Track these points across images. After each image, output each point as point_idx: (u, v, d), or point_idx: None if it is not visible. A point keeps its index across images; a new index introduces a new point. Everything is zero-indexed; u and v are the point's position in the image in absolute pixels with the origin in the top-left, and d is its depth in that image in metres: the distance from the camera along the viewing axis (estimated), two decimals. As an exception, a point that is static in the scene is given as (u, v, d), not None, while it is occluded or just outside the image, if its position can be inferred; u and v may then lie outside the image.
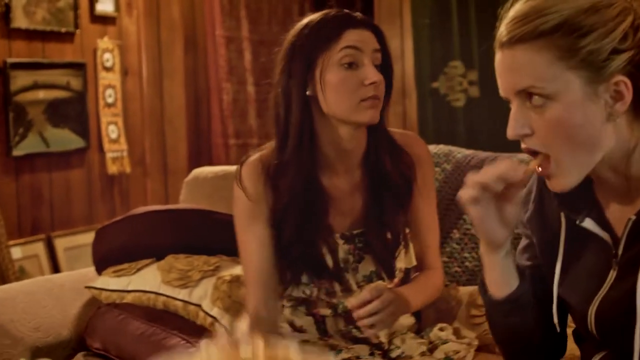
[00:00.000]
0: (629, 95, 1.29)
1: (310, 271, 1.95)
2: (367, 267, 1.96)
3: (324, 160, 1.95)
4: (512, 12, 1.34)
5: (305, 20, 1.94)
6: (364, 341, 1.98)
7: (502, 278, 1.45)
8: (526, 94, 1.32)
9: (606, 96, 1.29)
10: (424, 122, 4.16)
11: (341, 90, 1.87)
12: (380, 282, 1.95)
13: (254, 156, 2.00)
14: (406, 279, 2.03)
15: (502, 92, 1.37)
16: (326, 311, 1.97)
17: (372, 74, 1.86)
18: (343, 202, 1.98)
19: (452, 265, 2.44)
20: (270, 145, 2.00)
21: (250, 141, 5.15)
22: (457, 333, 2.04)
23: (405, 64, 4.19)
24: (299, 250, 1.93)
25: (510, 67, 1.34)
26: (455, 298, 2.26)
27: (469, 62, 4.03)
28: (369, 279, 1.97)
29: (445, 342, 1.98)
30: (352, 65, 1.87)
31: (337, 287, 1.96)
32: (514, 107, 1.34)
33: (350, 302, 1.80)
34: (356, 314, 1.76)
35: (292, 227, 1.93)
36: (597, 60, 1.27)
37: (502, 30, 1.34)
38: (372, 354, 1.95)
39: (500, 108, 3.88)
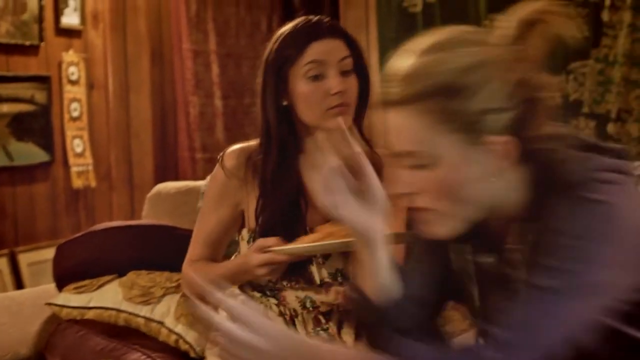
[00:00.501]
0: (514, 152, 1.26)
1: None
2: (334, 264, 2.01)
3: (309, 162, 2.02)
4: (393, 71, 1.30)
5: (278, 33, 2.04)
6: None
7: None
8: (409, 155, 1.29)
9: (490, 155, 1.26)
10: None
11: (309, 101, 1.95)
12: None
13: (239, 145, 2.13)
14: None
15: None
16: (295, 304, 2.02)
17: (335, 84, 1.93)
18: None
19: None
20: (255, 142, 2.08)
21: (217, 155, 5.12)
22: None
23: (371, 77, 4.19)
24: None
25: (393, 128, 1.30)
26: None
27: (435, 77, 4.05)
28: (333, 277, 2.01)
29: None
30: (317, 77, 1.94)
31: (300, 279, 2.01)
32: (399, 166, 1.31)
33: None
34: None
35: (270, 216, 2.01)
36: (477, 122, 1.24)
37: (385, 88, 1.30)
38: None
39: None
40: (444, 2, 4.03)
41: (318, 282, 2.01)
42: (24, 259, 4.27)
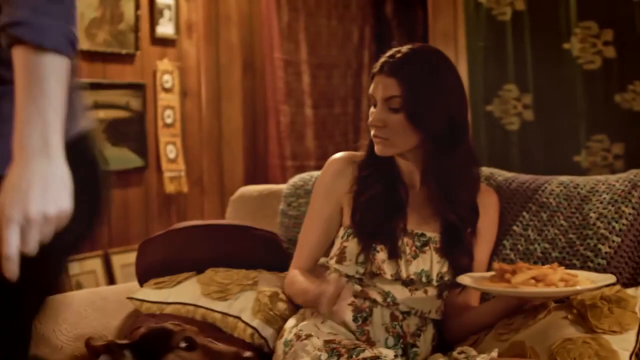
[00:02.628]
0: None
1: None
2: (420, 265, 2.17)
3: (401, 172, 2.27)
4: None
5: None
6: (394, 346, 2.14)
7: None
8: None
9: None
10: (477, 146, 4.14)
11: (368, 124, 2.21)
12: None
13: (345, 153, 2.37)
14: (444, 288, 2.23)
15: None
16: (377, 296, 2.16)
17: (373, 116, 2.17)
18: (414, 208, 2.24)
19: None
20: (360, 152, 2.33)
21: (308, 163, 5.19)
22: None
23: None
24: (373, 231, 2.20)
25: None
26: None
27: (523, 86, 4.00)
28: (418, 275, 2.17)
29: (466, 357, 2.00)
30: (375, 105, 2.18)
31: (387, 270, 2.15)
32: None
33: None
34: None
35: (366, 214, 2.22)
36: None
37: None
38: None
39: (554, 132, 3.87)
40: (533, 10, 3.99)
41: (405, 276, 2.16)
42: (117, 260, 4.40)
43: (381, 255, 2.16)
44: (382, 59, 2.18)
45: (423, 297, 2.20)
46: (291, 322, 2.26)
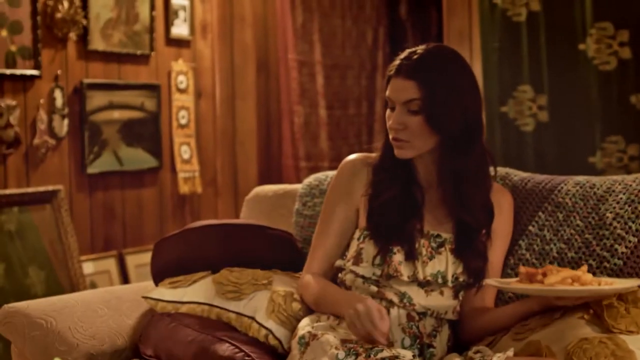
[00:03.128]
0: None
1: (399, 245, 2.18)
2: (436, 266, 2.17)
3: (416, 174, 2.26)
4: None
5: None
6: (410, 347, 2.14)
7: None
8: None
9: None
10: (492, 147, 4.13)
11: (387, 126, 2.19)
12: None
13: (359, 154, 2.35)
14: (460, 289, 2.22)
15: None
16: (394, 297, 2.16)
17: (392, 118, 2.15)
18: (430, 209, 2.23)
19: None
20: (375, 154, 2.31)
21: (321, 164, 5.19)
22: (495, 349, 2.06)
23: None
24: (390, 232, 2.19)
25: None
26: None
27: (538, 87, 3.99)
28: (434, 277, 2.17)
29: (482, 356, 2.00)
30: (393, 108, 2.16)
31: (404, 271, 2.15)
32: None
33: None
34: None
35: (382, 214, 2.20)
36: None
37: None
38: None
39: (569, 133, 3.86)
40: (548, 11, 3.98)
41: (422, 278, 2.16)
42: (131, 260, 4.42)
43: (398, 257, 2.16)
44: (398, 62, 2.16)
45: (439, 298, 2.20)
46: (305, 321, 2.26)
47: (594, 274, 2.27)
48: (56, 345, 2.32)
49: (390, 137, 2.17)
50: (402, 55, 2.17)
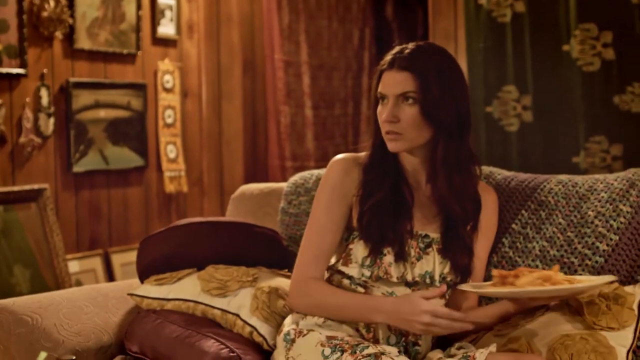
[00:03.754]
0: None
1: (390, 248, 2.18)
2: (424, 266, 2.18)
3: (405, 173, 2.26)
4: None
5: None
6: (396, 344, 2.17)
7: None
8: None
9: None
10: (477, 147, 4.14)
11: (378, 121, 2.20)
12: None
13: (348, 154, 2.32)
14: (447, 289, 2.23)
15: None
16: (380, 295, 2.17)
17: (386, 111, 2.15)
18: (418, 208, 2.23)
19: (490, 287, 2.45)
20: (363, 154, 2.30)
21: (307, 164, 5.20)
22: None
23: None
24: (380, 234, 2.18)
25: None
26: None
27: (523, 87, 4.01)
28: (422, 277, 2.18)
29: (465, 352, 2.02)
30: (383, 100, 2.17)
31: (394, 273, 2.17)
32: None
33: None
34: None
35: (373, 214, 2.19)
36: None
37: None
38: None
39: (553, 133, 3.88)
40: (533, 12, 3.99)
41: (410, 279, 2.18)
42: (117, 259, 4.42)
43: (388, 258, 2.17)
44: (390, 56, 2.18)
45: None
46: (290, 318, 2.27)
47: (576, 272, 2.30)
48: (42, 342, 2.33)
49: (384, 131, 2.17)
50: (394, 50, 2.20)
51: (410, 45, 2.18)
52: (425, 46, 2.20)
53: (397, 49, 2.20)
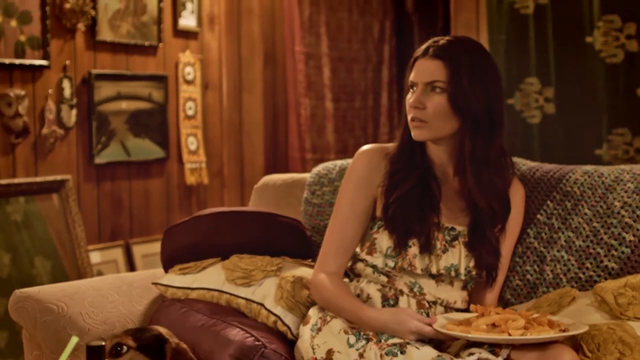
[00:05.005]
0: None
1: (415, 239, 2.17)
2: (449, 259, 2.18)
3: (432, 166, 2.25)
4: None
5: None
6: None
7: None
8: None
9: None
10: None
11: (406, 108, 2.19)
12: None
13: (375, 144, 2.31)
14: (470, 280, 2.25)
15: None
16: (404, 287, 2.18)
17: (412, 98, 2.15)
18: (445, 202, 2.22)
19: (514, 278, 2.44)
20: (391, 145, 2.29)
21: (327, 156, 5.20)
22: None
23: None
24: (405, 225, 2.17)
25: None
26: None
27: (545, 79, 4.00)
28: (447, 270, 2.18)
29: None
30: (413, 88, 2.17)
31: (418, 265, 2.16)
32: None
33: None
34: None
35: (402, 210, 2.17)
36: None
37: None
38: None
39: (575, 126, 3.86)
40: (556, 4, 3.98)
41: (435, 271, 2.17)
42: (138, 250, 4.43)
43: (413, 250, 2.16)
44: (426, 44, 2.18)
45: (448, 289, 2.21)
46: (315, 308, 2.27)
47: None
48: (67, 330, 2.34)
49: (409, 117, 2.17)
50: (430, 40, 2.20)
51: (448, 37, 2.19)
52: (463, 38, 2.21)
53: (433, 39, 2.20)
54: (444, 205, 2.22)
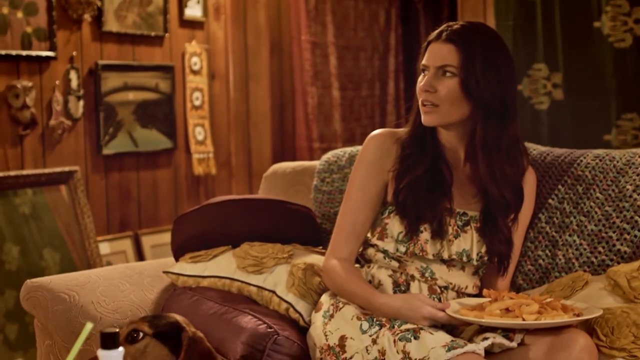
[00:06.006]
0: None
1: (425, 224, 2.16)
2: (462, 244, 2.17)
3: (444, 151, 2.24)
4: None
5: None
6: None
7: None
8: None
9: None
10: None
11: (417, 91, 2.18)
12: None
13: (386, 129, 2.31)
14: (482, 265, 2.24)
15: None
16: (415, 272, 2.18)
17: (423, 81, 2.14)
18: (457, 187, 2.21)
19: (526, 264, 2.44)
20: (402, 130, 2.28)
21: (335, 145, 5.19)
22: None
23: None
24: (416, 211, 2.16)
25: None
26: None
27: (553, 65, 3.98)
28: (459, 255, 2.17)
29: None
30: (424, 70, 2.16)
31: (430, 250, 2.15)
32: None
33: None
34: None
35: (412, 195, 2.16)
36: None
37: None
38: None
39: (584, 111, 3.85)
40: (563, -12, 3.97)
41: (447, 257, 2.17)
42: (147, 241, 4.43)
43: (425, 235, 2.16)
44: (440, 28, 2.17)
45: (460, 274, 2.21)
46: (327, 295, 2.27)
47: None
48: (79, 319, 2.34)
49: (420, 100, 2.16)
50: (444, 25, 2.19)
51: (462, 22, 2.18)
52: (477, 24, 2.20)
53: (448, 23, 2.19)
54: (455, 190, 2.21)
